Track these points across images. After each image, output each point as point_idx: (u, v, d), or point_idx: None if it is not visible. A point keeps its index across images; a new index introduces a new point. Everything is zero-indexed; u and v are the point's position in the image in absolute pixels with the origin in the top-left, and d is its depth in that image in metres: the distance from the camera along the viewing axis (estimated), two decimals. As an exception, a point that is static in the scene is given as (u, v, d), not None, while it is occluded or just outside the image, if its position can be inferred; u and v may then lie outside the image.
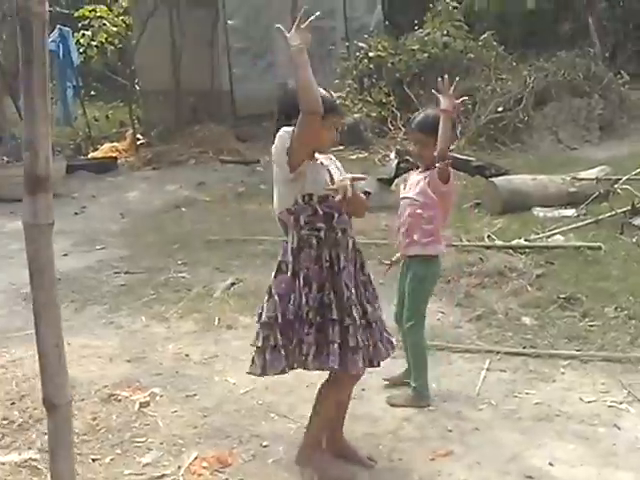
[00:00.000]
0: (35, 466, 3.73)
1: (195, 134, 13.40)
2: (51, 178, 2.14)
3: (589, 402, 4.21)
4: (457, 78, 4.35)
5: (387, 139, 12.51)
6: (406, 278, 4.34)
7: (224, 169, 11.80)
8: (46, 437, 3.93)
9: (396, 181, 8.37)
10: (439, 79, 4.10)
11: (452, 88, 4.03)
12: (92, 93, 18.66)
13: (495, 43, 14.15)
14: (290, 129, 3.31)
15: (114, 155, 13.16)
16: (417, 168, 4.38)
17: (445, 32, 13.68)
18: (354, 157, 11.97)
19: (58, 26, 14.28)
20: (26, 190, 2.11)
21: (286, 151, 3.31)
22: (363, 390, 4.42)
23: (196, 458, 3.76)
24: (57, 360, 2.21)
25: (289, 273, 3.37)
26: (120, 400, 4.38)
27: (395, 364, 4.38)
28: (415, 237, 4.22)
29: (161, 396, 4.42)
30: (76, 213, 9.46)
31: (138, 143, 13.66)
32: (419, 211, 4.21)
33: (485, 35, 14.16)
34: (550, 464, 3.64)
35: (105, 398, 4.36)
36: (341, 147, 12.37)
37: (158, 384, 4.56)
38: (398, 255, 4.45)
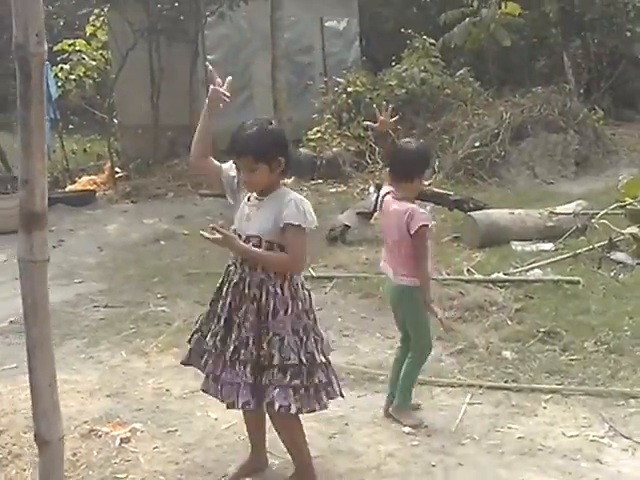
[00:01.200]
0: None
1: (173, 167, 13.40)
2: (45, 215, 2.12)
3: (571, 436, 4.22)
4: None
5: (365, 173, 12.58)
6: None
7: (203, 202, 11.78)
8: (25, 473, 3.91)
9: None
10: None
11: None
12: (70, 126, 18.61)
13: (472, 79, 14.34)
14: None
15: (92, 188, 13.12)
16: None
17: (422, 68, 13.84)
18: (333, 190, 12.03)
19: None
20: (21, 227, 2.10)
21: None
22: (346, 425, 4.41)
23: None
24: (50, 397, 2.19)
25: None
26: (100, 436, 4.33)
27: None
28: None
29: (142, 432, 4.37)
30: (54, 246, 9.38)
31: (116, 176, 13.63)
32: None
33: (462, 71, 14.34)
34: (534, 499, 3.64)
35: (85, 434, 4.30)
36: (320, 180, 12.46)
37: (139, 419, 4.51)
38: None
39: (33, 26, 1.99)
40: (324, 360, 3.56)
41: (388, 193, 4.43)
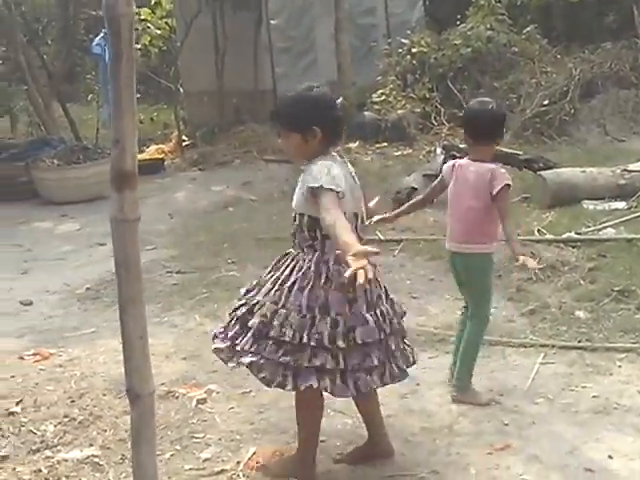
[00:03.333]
0: (97, 462, 3.80)
1: (239, 134, 13.47)
2: (136, 175, 2.17)
3: (647, 395, 4.18)
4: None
5: (431, 135, 12.43)
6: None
7: (268, 168, 11.84)
8: (106, 434, 4.04)
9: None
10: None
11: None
12: (137, 96, 18.86)
13: (539, 36, 13.99)
14: None
15: (160, 157, 13.28)
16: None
17: (488, 26, 13.54)
18: (398, 153, 11.95)
19: (103, 30, 14.44)
20: (113, 186, 2.16)
21: None
22: (418, 385, 4.43)
23: (254, 453, 3.80)
24: (142, 351, 2.26)
25: None
26: (177, 397, 4.44)
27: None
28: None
29: (217, 393, 4.48)
30: (125, 214, 9.57)
31: (183, 144, 13.77)
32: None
33: (529, 28, 14.02)
34: (609, 457, 3.62)
35: (163, 395, 4.41)
36: (385, 144, 12.39)
37: (214, 381, 4.61)
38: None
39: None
40: (340, 345, 3.26)
41: (456, 158, 4.36)
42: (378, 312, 3.42)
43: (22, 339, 5.69)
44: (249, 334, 3.38)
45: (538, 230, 7.04)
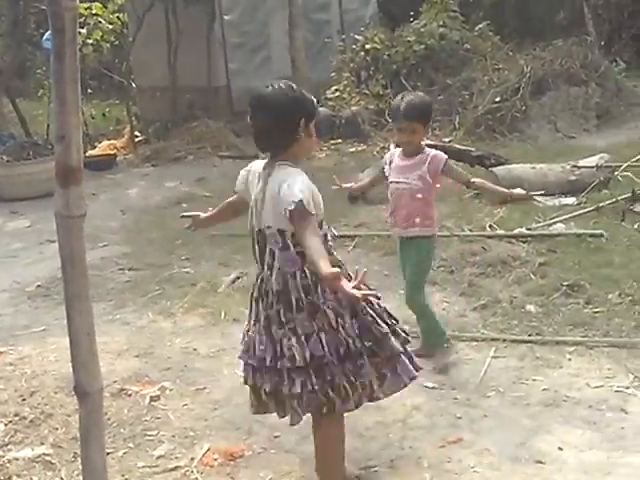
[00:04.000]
0: (49, 461, 3.77)
1: (193, 130, 13.38)
2: (81, 170, 2.15)
3: (596, 387, 4.25)
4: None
5: (385, 131, 12.48)
6: (408, 259, 4.60)
7: (223, 164, 11.79)
8: (58, 432, 4.00)
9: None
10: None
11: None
12: (88, 91, 18.62)
13: (491, 33, 14.14)
14: None
15: (112, 152, 13.16)
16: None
17: (441, 23, 13.65)
18: (352, 150, 11.99)
19: (54, 24, 14.26)
20: (58, 182, 2.13)
21: None
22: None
23: (208, 450, 3.79)
24: (89, 348, 2.24)
25: None
26: (130, 395, 4.42)
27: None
28: (417, 220, 4.46)
29: (171, 390, 4.46)
30: (77, 211, 9.47)
31: (136, 140, 13.65)
32: (419, 195, 4.44)
33: (481, 25, 14.16)
34: (559, 449, 3.68)
35: (115, 393, 4.38)
36: (339, 140, 12.42)
37: (168, 378, 4.59)
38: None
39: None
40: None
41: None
42: None
43: (-29, 338, 5.61)
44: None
45: (490, 225, 7.12)
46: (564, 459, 3.60)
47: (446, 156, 4.43)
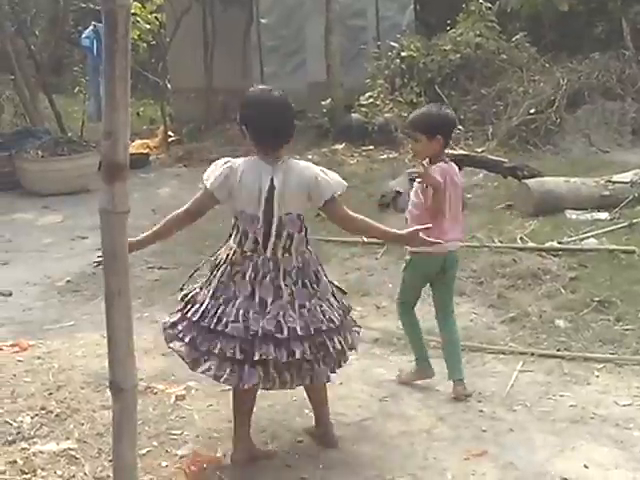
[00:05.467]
0: (73, 455, 3.78)
1: (226, 132, 13.44)
2: (127, 167, 2.17)
3: (624, 406, 4.20)
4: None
5: (417, 140, 12.46)
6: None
7: (255, 167, 11.80)
8: (83, 427, 4.02)
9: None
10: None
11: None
12: (127, 89, 18.78)
13: (528, 44, 14.06)
14: None
15: (145, 152, 13.24)
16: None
17: (478, 32, 13.60)
18: (384, 157, 11.96)
19: (93, 23, 14.38)
20: (104, 178, 2.15)
21: None
22: (397, 389, 4.44)
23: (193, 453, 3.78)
24: (126, 345, 2.25)
25: None
26: (156, 393, 4.43)
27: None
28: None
29: (196, 390, 4.47)
30: (109, 208, 9.53)
31: (169, 140, 13.74)
32: (411, 208, 4.50)
33: (518, 36, 14.09)
34: (585, 467, 3.64)
35: (141, 391, 4.38)
36: (371, 147, 12.40)
37: (193, 378, 4.57)
38: None
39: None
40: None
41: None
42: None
43: (1, 330, 5.66)
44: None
45: (521, 238, 7.07)
46: (589, 477, 3.56)
47: (437, 175, 4.21)
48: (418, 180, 4.34)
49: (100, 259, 3.90)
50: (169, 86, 15.16)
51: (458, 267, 4.61)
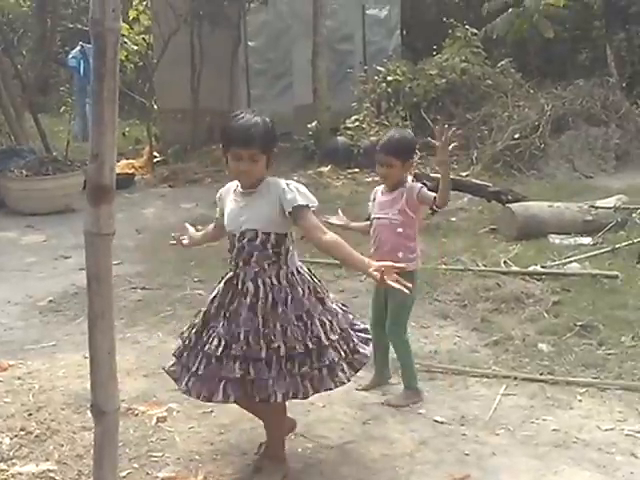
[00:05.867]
0: (52, 477, 3.74)
1: (211, 153, 13.44)
2: (113, 189, 2.17)
3: (606, 430, 4.19)
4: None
5: (402, 163, 12.50)
6: (391, 294, 4.44)
7: (240, 189, 11.81)
8: (63, 448, 3.98)
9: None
10: (436, 127, 4.29)
11: (446, 136, 4.26)
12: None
13: (513, 70, 14.22)
14: None
15: (131, 172, 13.23)
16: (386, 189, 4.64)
17: (463, 58, 13.74)
18: (369, 179, 11.98)
19: (80, 43, 14.42)
20: (90, 200, 2.14)
21: None
22: (380, 412, 4.43)
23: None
24: (109, 368, 2.23)
25: None
26: (137, 414, 4.39)
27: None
28: (400, 255, 4.40)
29: (178, 412, 4.43)
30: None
31: (154, 161, 13.73)
32: (400, 230, 4.46)
33: (503, 62, 14.23)
34: (567, 491, 3.63)
35: (123, 412, 4.32)
36: (356, 169, 12.44)
37: (175, 399, 4.55)
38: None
39: (110, 1, 2.05)
40: (334, 338, 3.58)
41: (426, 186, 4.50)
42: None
43: (-19, 349, 5.60)
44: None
45: (504, 262, 7.10)
46: (572, 502, 3.56)
47: (420, 185, 4.44)
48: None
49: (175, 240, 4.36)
50: (155, 107, 15.17)
51: None
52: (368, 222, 4.75)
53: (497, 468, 3.84)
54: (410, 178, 4.69)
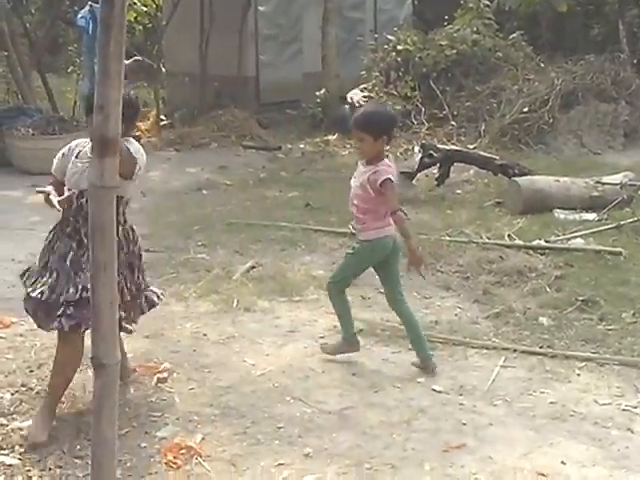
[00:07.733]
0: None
1: (218, 118, 13.39)
2: (118, 142, 2.16)
3: (603, 405, 4.22)
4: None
5: (410, 133, 12.44)
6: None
7: (246, 154, 11.81)
8: (63, 406, 4.01)
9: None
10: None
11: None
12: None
13: (524, 43, 14.06)
14: None
15: (137, 134, 13.17)
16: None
17: (475, 29, 13.59)
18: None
19: (89, 2, 14.29)
20: (95, 152, 2.14)
21: None
22: (379, 379, 4.45)
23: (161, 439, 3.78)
24: (110, 320, 2.24)
25: None
26: (138, 375, 4.42)
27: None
28: (364, 223, 4.54)
29: (178, 373, 4.47)
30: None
31: (161, 124, 13.68)
32: (363, 202, 4.51)
33: (514, 35, 14.09)
34: (562, 463, 3.66)
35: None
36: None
37: (176, 361, 4.60)
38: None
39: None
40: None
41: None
42: None
43: (-16, 306, 5.63)
44: None
45: (508, 235, 7.09)
46: (566, 473, 3.58)
47: (390, 175, 4.41)
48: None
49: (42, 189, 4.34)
50: (163, 70, 15.08)
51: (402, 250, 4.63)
52: None
53: (493, 438, 3.87)
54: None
